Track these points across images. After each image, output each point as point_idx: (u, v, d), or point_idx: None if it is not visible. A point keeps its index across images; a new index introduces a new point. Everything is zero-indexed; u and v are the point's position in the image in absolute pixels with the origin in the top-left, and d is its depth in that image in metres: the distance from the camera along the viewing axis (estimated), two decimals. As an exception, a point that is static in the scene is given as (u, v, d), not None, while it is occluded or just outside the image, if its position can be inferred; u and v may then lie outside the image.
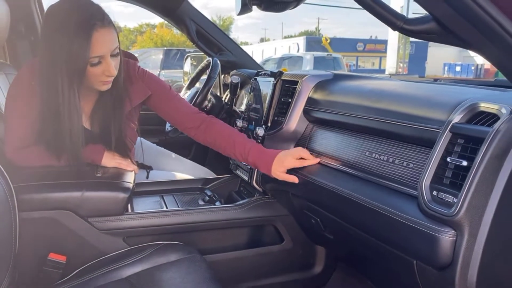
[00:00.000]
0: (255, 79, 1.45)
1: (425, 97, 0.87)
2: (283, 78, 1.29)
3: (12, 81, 1.16)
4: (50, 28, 1.04)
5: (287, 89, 1.27)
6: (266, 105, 1.31)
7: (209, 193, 1.43)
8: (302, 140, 1.19)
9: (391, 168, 0.85)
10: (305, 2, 0.99)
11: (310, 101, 1.18)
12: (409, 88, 1.02)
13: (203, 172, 1.75)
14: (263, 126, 1.28)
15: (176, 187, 1.48)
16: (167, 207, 1.33)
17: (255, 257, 1.15)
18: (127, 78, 1.22)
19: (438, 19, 0.67)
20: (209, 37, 1.96)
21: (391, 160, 0.86)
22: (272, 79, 1.31)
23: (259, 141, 1.29)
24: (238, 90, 1.70)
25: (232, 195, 1.51)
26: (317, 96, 1.16)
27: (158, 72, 8.55)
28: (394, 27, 0.71)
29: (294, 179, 1.09)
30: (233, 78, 1.58)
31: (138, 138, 1.42)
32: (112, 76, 1.10)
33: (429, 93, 0.90)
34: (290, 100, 1.22)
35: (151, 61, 8.94)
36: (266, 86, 1.37)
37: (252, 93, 1.46)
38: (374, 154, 0.91)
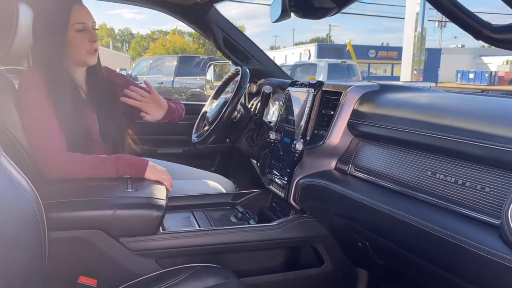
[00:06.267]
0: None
1: (497, 113, 0.79)
2: (323, 89, 1.22)
3: (22, 87, 1.16)
4: (38, 21, 1.18)
5: (328, 100, 1.19)
6: (305, 117, 1.23)
7: (240, 209, 1.36)
8: (347, 156, 1.12)
9: (461, 191, 0.77)
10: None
11: (355, 114, 1.10)
12: (470, 102, 0.94)
13: (226, 184, 1.68)
14: (302, 140, 1.21)
15: (205, 202, 1.41)
16: (198, 224, 1.26)
17: (294, 280, 1.07)
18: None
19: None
20: (236, 45, 1.89)
21: (460, 182, 0.78)
22: (312, 89, 1.24)
23: (296, 155, 1.21)
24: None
25: (265, 211, 1.43)
26: (364, 108, 1.08)
27: (172, 79, 8.56)
28: (478, 35, 0.63)
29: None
30: (265, 88, 1.51)
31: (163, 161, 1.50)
32: (96, 41, 1.23)
33: (500, 109, 0.81)
34: (332, 112, 1.15)
35: (165, 67, 8.94)
36: (300, 96, 1.30)
37: (286, 104, 1.39)
38: (438, 175, 0.83)
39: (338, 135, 1.12)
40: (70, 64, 1.23)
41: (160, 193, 1.08)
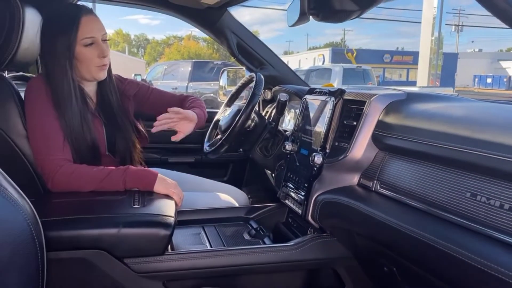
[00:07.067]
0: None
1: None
2: (345, 97, 1.13)
3: (28, 95, 1.13)
4: (45, 29, 1.16)
5: (350, 109, 1.10)
6: (324, 128, 1.14)
7: (254, 225, 1.27)
8: (371, 171, 1.02)
9: (508, 218, 0.67)
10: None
11: (381, 125, 1.01)
12: (510, 113, 0.84)
13: (239, 196, 1.60)
14: (321, 152, 1.12)
15: (217, 217, 1.33)
16: (209, 242, 1.18)
17: (312, 306, 0.98)
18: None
19: None
20: (250, 51, 1.82)
21: (507, 207, 0.68)
22: (332, 97, 1.15)
23: (315, 169, 1.12)
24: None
25: (280, 227, 1.34)
26: (390, 119, 0.99)
27: (186, 84, 8.56)
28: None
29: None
30: (281, 95, 1.43)
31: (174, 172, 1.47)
32: (105, 56, 1.16)
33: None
34: (355, 123, 1.06)
35: (179, 73, 8.96)
36: (318, 105, 1.21)
37: (303, 113, 1.31)
38: (479, 197, 0.73)
39: (361, 148, 1.03)
40: (79, 77, 1.18)
41: (168, 209, 1.01)
